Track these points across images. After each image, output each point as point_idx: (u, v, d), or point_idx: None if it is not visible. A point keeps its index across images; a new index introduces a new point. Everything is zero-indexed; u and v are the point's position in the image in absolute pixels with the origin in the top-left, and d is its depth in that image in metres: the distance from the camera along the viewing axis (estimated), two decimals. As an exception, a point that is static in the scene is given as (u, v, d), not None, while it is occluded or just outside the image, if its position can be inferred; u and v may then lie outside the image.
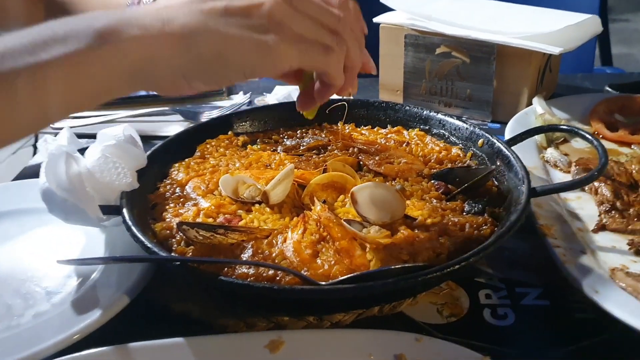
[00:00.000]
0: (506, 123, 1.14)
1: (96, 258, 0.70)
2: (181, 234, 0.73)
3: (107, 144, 0.82)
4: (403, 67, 1.28)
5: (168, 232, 0.77)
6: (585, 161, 1.01)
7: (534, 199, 0.83)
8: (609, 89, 1.33)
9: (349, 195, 0.78)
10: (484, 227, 0.77)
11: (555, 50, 1.09)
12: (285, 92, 1.25)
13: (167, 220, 0.80)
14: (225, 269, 0.69)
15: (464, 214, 0.81)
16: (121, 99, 1.28)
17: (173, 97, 1.27)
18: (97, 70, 0.55)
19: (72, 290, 0.77)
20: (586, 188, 0.94)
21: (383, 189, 0.80)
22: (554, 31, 1.11)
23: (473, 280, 0.81)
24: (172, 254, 0.73)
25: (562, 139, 1.11)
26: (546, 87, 1.28)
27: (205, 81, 0.60)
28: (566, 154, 1.06)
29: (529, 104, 1.20)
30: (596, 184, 0.92)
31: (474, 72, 1.21)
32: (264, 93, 1.34)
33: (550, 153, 1.04)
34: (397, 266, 0.67)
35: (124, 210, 0.77)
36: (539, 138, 1.10)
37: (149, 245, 0.70)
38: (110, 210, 0.79)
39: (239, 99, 1.33)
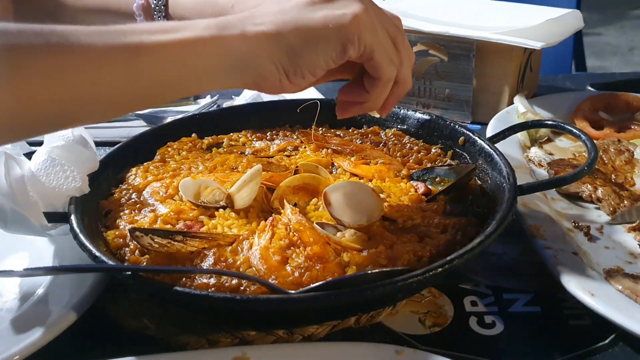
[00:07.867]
0: (487, 124, 1.09)
1: (36, 268, 0.63)
2: (135, 241, 0.66)
3: (54, 145, 0.76)
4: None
5: (121, 240, 0.71)
6: (558, 162, 0.97)
7: (520, 199, 0.78)
8: (591, 88, 1.29)
9: (322, 196, 0.72)
10: (468, 229, 0.72)
11: (537, 44, 1.04)
12: (254, 94, 1.18)
13: (121, 227, 0.73)
14: (183, 279, 0.64)
15: (447, 215, 0.75)
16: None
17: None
18: (206, 53, 0.59)
19: (13, 307, 0.70)
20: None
21: (358, 189, 0.74)
22: (535, 26, 1.07)
23: (457, 286, 0.75)
24: (125, 264, 0.67)
25: (545, 138, 1.07)
26: (527, 87, 1.23)
27: (302, 71, 0.62)
28: (551, 154, 1.02)
29: (510, 104, 1.15)
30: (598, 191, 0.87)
31: (453, 71, 1.17)
32: (233, 96, 1.27)
33: (535, 152, 1.00)
34: (374, 271, 0.61)
35: (72, 217, 0.70)
36: (522, 137, 1.05)
37: (97, 254, 0.64)
38: (56, 217, 0.73)
39: (206, 103, 1.25)
